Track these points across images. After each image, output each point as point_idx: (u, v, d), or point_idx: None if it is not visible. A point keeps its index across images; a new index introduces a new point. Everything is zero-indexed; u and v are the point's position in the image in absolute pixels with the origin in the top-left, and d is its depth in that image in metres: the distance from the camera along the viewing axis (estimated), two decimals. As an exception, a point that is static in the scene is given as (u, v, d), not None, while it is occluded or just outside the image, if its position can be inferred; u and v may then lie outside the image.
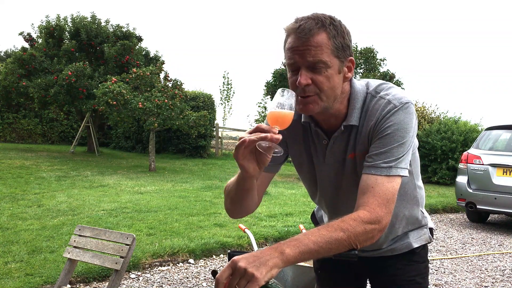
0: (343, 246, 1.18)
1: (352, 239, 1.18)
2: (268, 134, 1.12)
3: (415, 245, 1.59)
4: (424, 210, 1.64)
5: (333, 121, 1.38)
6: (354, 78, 1.41)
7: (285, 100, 1.17)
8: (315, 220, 1.84)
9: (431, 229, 1.66)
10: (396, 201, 1.49)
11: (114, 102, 11.44)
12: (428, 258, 1.69)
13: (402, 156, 1.29)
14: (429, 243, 1.65)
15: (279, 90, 1.19)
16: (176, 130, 14.84)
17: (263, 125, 1.16)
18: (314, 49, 1.23)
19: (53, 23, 15.22)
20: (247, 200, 1.40)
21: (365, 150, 1.35)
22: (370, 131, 1.33)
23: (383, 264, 1.61)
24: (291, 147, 1.51)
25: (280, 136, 1.13)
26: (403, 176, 1.29)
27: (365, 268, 1.66)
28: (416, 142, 1.44)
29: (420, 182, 1.58)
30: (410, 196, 1.53)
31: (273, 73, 15.60)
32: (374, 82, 1.40)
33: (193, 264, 4.82)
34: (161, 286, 4.16)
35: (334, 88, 1.28)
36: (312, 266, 2.58)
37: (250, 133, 1.16)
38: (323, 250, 1.14)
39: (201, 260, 4.93)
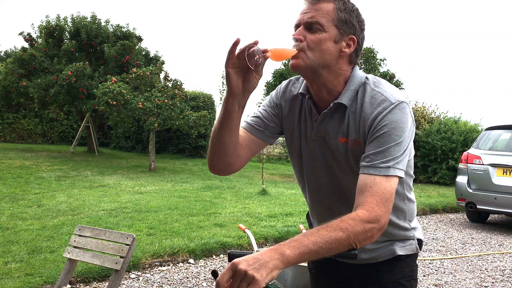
0: (343, 246, 1.17)
1: (351, 238, 1.17)
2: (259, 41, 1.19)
3: (400, 252, 1.57)
4: (413, 223, 1.60)
5: (325, 95, 1.40)
6: None
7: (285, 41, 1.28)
8: (310, 221, 1.84)
9: (419, 241, 1.63)
10: (400, 199, 1.49)
11: (114, 102, 11.45)
12: (417, 265, 1.66)
13: (400, 156, 1.29)
14: (415, 253, 1.62)
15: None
16: (176, 130, 14.85)
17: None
18: (315, 11, 1.32)
19: (53, 23, 15.23)
20: (227, 142, 1.42)
21: (357, 140, 1.37)
22: (365, 126, 1.34)
23: (367, 270, 1.59)
24: (285, 122, 1.53)
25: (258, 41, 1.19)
26: (400, 177, 1.29)
27: (353, 273, 1.64)
28: (412, 151, 1.43)
29: (411, 195, 1.56)
30: (396, 206, 1.48)
31: (273, 73, 15.59)
32: (372, 77, 1.43)
33: (193, 264, 4.82)
34: (161, 286, 4.16)
35: (322, 50, 1.33)
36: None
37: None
38: (323, 251, 1.14)
39: (201, 260, 4.93)
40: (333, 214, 1.47)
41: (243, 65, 1.22)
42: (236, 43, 1.19)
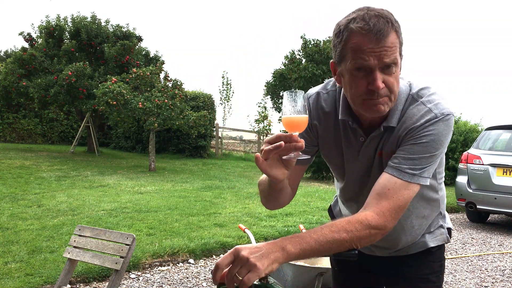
0: (344, 247, 1.18)
1: (354, 241, 1.18)
2: (291, 144, 1.12)
3: (431, 244, 1.57)
4: (443, 211, 1.61)
5: (371, 119, 1.34)
6: None
7: (298, 103, 1.15)
8: (332, 215, 1.84)
9: (449, 230, 1.63)
10: (418, 202, 1.47)
11: (114, 102, 11.45)
12: (445, 256, 1.68)
13: (429, 166, 1.27)
14: (446, 243, 1.63)
15: (287, 93, 1.14)
16: (176, 130, 14.85)
17: (283, 134, 1.14)
18: (390, 49, 1.19)
19: (53, 23, 15.23)
20: (281, 197, 1.42)
21: (392, 151, 1.33)
22: (403, 132, 1.30)
23: (396, 262, 1.60)
24: (321, 141, 1.48)
25: (302, 143, 1.12)
26: (422, 185, 1.27)
27: (381, 268, 1.65)
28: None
29: (442, 185, 1.56)
30: (431, 198, 1.52)
31: (273, 73, 15.60)
32: (417, 84, 1.36)
33: (193, 264, 4.82)
34: (161, 286, 4.16)
35: (397, 84, 1.26)
36: (312, 266, 2.59)
37: (270, 142, 1.14)
38: (323, 249, 1.14)
39: (201, 260, 4.93)
40: None
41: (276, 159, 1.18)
42: (266, 154, 1.13)
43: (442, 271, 1.63)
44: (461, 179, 7.43)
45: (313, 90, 1.48)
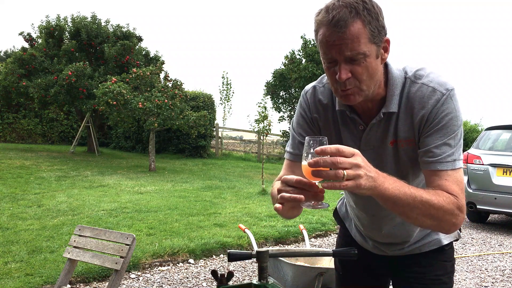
0: (426, 217, 1.18)
1: (440, 213, 1.19)
2: (312, 193, 1.12)
3: (445, 241, 1.56)
4: None
5: (369, 105, 1.34)
6: None
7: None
8: (338, 217, 1.82)
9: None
10: None
11: (114, 102, 11.45)
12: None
13: (459, 145, 1.29)
14: (456, 240, 1.62)
15: (310, 138, 1.10)
16: (176, 130, 14.85)
17: (303, 180, 1.11)
18: (351, 42, 1.16)
19: (53, 23, 15.23)
20: (295, 212, 1.42)
21: (410, 138, 1.33)
22: (419, 120, 1.30)
23: (408, 261, 1.58)
24: (322, 129, 1.47)
25: (323, 193, 1.12)
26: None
27: (388, 267, 1.63)
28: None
29: None
30: None
31: (273, 73, 15.59)
32: (411, 67, 1.36)
33: (193, 264, 4.82)
34: (161, 286, 4.16)
35: (373, 75, 1.24)
36: (312, 266, 2.58)
37: (288, 183, 1.13)
38: (411, 207, 1.15)
39: (201, 260, 4.93)
40: (375, 220, 1.53)
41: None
42: (288, 201, 1.12)
43: (453, 272, 1.61)
44: (461, 179, 7.42)
45: (309, 85, 1.50)
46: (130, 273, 4.40)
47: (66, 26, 15.35)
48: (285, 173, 1.49)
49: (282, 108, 16.63)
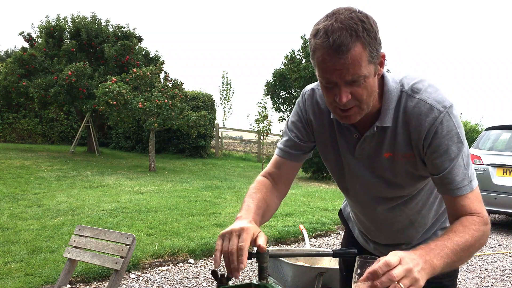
0: (470, 254, 1.20)
1: (476, 243, 1.19)
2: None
3: None
4: None
5: (364, 118, 1.30)
6: None
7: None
8: (343, 218, 1.82)
9: None
10: (428, 198, 1.47)
11: (114, 102, 11.45)
12: None
13: (469, 162, 1.27)
14: None
15: (361, 259, 1.06)
16: (176, 130, 14.85)
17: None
18: (352, 66, 1.13)
19: (53, 23, 15.23)
20: (271, 213, 1.47)
21: (409, 152, 1.32)
22: (417, 138, 1.28)
23: None
24: (317, 136, 1.46)
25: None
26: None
27: None
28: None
29: None
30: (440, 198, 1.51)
31: (273, 73, 15.60)
32: (408, 79, 1.32)
33: (193, 264, 4.82)
34: (161, 286, 4.16)
35: (372, 93, 1.22)
36: (312, 266, 2.58)
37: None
38: (457, 259, 1.14)
39: (201, 260, 4.93)
40: (375, 224, 1.55)
41: None
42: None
43: (456, 275, 1.58)
44: (461, 179, 7.41)
45: (309, 86, 1.49)
46: (130, 273, 4.40)
47: (66, 26, 15.35)
48: (272, 170, 1.50)
49: (282, 108, 16.63)
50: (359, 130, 1.36)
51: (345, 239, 1.82)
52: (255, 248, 1.20)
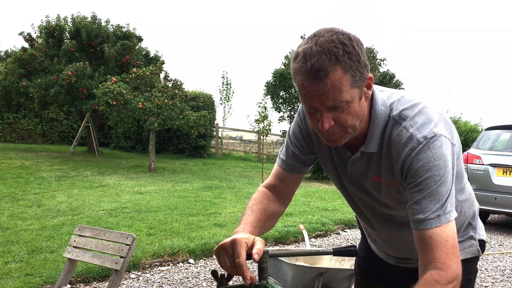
0: None
1: None
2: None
3: None
4: (474, 222, 1.48)
5: (352, 140, 1.28)
6: None
7: None
8: (359, 223, 1.81)
9: (482, 241, 1.50)
10: None
11: (114, 102, 11.45)
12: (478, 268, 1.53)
13: (446, 197, 1.16)
14: (476, 256, 1.50)
15: None
16: (176, 130, 14.84)
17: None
18: (332, 92, 1.09)
19: (53, 23, 15.22)
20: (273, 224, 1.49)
21: (392, 180, 1.27)
22: (397, 168, 1.23)
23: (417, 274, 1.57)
24: (317, 149, 1.44)
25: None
26: (453, 219, 1.18)
27: (400, 278, 1.58)
28: (460, 162, 1.34)
29: (464, 195, 1.44)
30: None
31: (273, 73, 15.58)
32: (399, 104, 1.24)
33: (193, 264, 4.82)
34: (161, 286, 4.16)
35: (357, 117, 1.18)
36: (312, 266, 2.58)
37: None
38: None
39: (201, 260, 4.93)
40: (381, 238, 1.54)
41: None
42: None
43: (471, 286, 1.50)
44: (461, 179, 7.41)
45: None
46: (130, 273, 4.39)
47: (66, 26, 15.34)
48: (274, 182, 1.48)
49: (282, 108, 16.61)
50: (350, 149, 1.33)
51: (360, 244, 1.81)
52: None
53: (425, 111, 1.22)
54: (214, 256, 5.07)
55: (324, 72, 1.07)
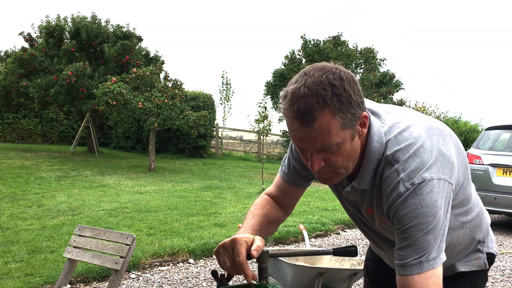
0: None
1: None
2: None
3: (461, 269, 1.41)
4: (481, 235, 1.45)
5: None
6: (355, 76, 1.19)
7: None
8: None
9: (491, 255, 1.47)
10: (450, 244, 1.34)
11: (114, 102, 11.45)
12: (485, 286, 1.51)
13: (433, 244, 1.11)
14: (482, 270, 1.45)
15: None
16: (176, 130, 14.84)
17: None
18: (320, 136, 1.06)
19: (53, 23, 15.23)
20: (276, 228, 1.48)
21: (382, 218, 1.25)
22: (386, 210, 1.20)
23: None
24: None
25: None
26: (439, 265, 1.13)
27: None
28: (468, 174, 1.34)
29: (470, 215, 1.41)
30: (455, 225, 1.35)
31: (273, 73, 15.58)
32: (395, 142, 1.17)
33: (193, 264, 4.82)
34: (161, 286, 4.16)
35: (350, 157, 1.15)
36: (312, 266, 2.58)
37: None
38: None
39: (201, 260, 4.93)
40: (382, 255, 1.55)
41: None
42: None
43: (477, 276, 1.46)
44: (461, 179, 7.41)
45: None
46: (130, 273, 4.39)
47: (66, 26, 15.34)
48: (276, 193, 1.49)
49: (282, 108, 16.62)
50: (348, 177, 1.29)
51: (369, 248, 1.82)
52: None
53: (420, 152, 1.14)
54: (214, 256, 5.07)
55: (311, 116, 1.04)
